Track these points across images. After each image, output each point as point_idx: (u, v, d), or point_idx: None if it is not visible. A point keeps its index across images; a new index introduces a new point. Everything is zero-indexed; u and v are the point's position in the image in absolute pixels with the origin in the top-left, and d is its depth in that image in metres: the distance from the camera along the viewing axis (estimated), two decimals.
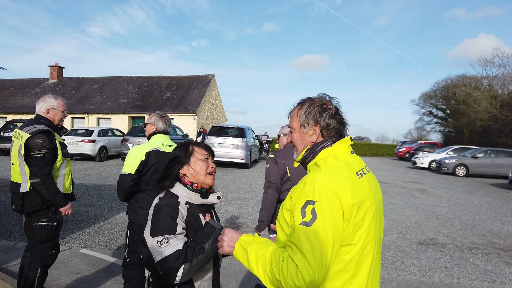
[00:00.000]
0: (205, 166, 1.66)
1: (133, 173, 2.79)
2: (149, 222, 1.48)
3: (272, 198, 3.01)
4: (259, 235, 2.98)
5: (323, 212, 1.15)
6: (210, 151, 1.74)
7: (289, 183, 3.01)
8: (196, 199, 1.61)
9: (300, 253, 1.13)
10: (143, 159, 2.81)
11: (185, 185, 1.62)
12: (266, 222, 3.04)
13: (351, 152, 1.38)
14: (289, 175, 3.01)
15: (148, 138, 3.06)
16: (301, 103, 1.42)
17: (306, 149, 1.39)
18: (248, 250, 1.26)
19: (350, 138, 1.40)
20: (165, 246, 1.39)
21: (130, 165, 2.80)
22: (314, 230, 1.13)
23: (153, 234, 1.42)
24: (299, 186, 1.26)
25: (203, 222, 1.58)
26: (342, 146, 1.35)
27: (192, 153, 1.67)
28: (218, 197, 1.68)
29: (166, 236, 1.40)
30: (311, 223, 1.14)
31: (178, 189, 1.62)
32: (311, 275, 1.11)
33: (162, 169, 1.69)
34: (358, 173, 1.29)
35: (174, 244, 1.40)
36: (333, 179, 1.21)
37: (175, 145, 2.99)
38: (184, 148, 1.70)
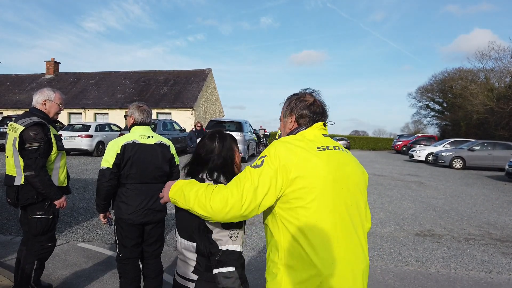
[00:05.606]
0: (239, 159, 1.72)
1: (111, 166, 2.72)
2: None
3: None
4: None
5: (268, 163, 1.39)
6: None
7: None
8: None
9: (236, 181, 1.38)
10: (119, 152, 2.74)
11: None
12: None
13: (323, 135, 1.57)
14: None
15: (129, 131, 2.99)
16: (287, 98, 1.68)
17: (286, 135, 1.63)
18: (182, 186, 1.46)
19: (324, 124, 1.60)
20: (234, 240, 1.49)
21: (107, 159, 2.74)
22: (257, 171, 1.38)
23: (224, 226, 1.48)
24: None
25: None
26: (313, 130, 1.56)
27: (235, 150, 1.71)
28: None
29: (237, 230, 1.50)
30: (257, 167, 1.40)
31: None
32: (236, 199, 1.32)
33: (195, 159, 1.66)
34: (320, 147, 1.47)
35: (239, 241, 1.51)
36: (284, 145, 1.44)
37: (156, 136, 2.94)
38: (229, 144, 1.68)
